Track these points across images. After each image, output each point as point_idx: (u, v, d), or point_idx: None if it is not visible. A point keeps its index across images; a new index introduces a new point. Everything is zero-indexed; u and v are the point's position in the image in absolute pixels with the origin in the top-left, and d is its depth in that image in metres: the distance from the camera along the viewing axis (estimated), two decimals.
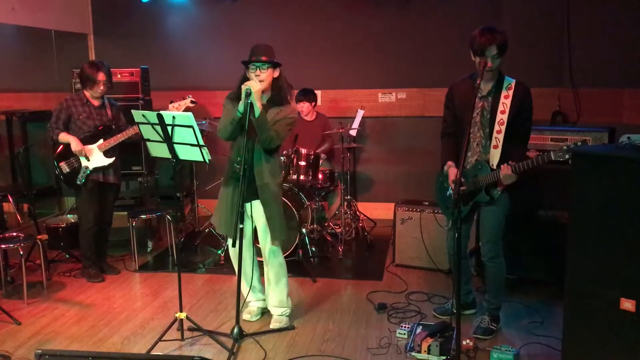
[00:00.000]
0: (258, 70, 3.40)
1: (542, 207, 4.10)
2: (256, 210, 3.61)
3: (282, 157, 4.81)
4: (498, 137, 3.35)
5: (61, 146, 4.44)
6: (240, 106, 3.37)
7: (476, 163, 3.43)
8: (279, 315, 3.75)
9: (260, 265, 3.86)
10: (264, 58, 3.40)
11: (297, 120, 3.71)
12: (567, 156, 2.97)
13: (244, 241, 3.60)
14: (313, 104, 5.59)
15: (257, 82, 3.35)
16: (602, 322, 2.73)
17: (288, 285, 3.79)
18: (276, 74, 3.48)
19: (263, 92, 3.44)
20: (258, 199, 3.57)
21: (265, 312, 3.91)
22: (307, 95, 5.51)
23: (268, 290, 3.77)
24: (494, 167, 3.35)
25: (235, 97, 3.46)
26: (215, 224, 3.76)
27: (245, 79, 3.46)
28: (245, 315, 3.86)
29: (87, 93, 4.47)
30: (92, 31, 6.63)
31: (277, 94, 3.51)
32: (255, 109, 3.33)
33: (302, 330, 3.70)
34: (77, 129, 4.42)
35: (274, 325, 3.71)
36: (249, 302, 3.89)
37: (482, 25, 3.32)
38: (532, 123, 3.43)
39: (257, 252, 3.86)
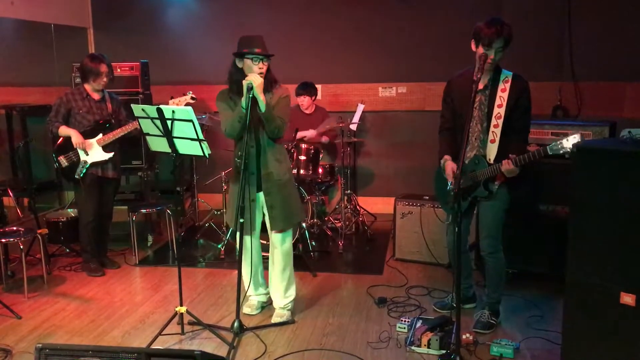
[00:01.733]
0: (261, 63, 3.40)
1: (542, 201, 4.09)
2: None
3: None
4: (495, 131, 3.33)
5: (60, 140, 4.44)
6: (243, 102, 3.35)
7: (474, 158, 3.42)
8: (281, 309, 3.75)
9: (264, 260, 3.86)
10: (258, 51, 3.38)
11: (290, 96, 3.69)
12: (562, 150, 2.96)
13: (253, 234, 3.61)
14: (313, 97, 5.57)
15: (258, 75, 3.34)
16: (602, 316, 2.73)
17: (293, 277, 3.79)
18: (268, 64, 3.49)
19: None
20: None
21: (265, 306, 3.91)
22: (307, 89, 5.50)
23: (272, 282, 3.77)
24: (491, 161, 3.34)
25: (229, 96, 3.45)
26: (227, 220, 3.78)
27: (238, 72, 3.44)
28: (245, 309, 3.87)
29: (88, 87, 4.46)
30: (92, 25, 6.61)
31: (267, 82, 3.48)
32: (260, 103, 3.33)
33: (303, 324, 3.71)
34: (77, 124, 4.42)
35: (275, 319, 3.72)
36: (250, 296, 3.90)
37: (482, 19, 3.29)
38: (531, 117, 3.41)
39: (263, 247, 3.86)
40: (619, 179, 2.64)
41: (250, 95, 3.28)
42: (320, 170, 5.14)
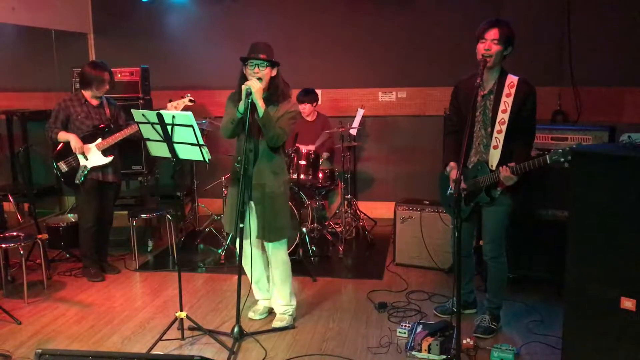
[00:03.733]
0: (257, 68, 3.40)
1: (542, 206, 4.09)
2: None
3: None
4: (498, 137, 3.32)
5: (59, 145, 4.44)
6: (241, 106, 3.37)
7: (476, 164, 3.41)
8: (281, 314, 3.75)
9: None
10: (262, 56, 3.39)
11: (299, 113, 3.71)
12: (562, 159, 2.95)
13: (251, 240, 3.61)
14: (314, 104, 5.58)
15: (257, 81, 3.35)
16: (602, 321, 2.73)
17: (292, 284, 3.79)
18: (274, 73, 3.47)
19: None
20: None
21: (272, 311, 3.88)
22: (308, 95, 5.51)
23: (272, 289, 3.77)
24: (493, 167, 3.33)
25: (237, 98, 3.46)
26: (224, 223, 3.79)
27: (244, 77, 3.45)
28: (250, 314, 3.87)
29: (87, 93, 4.47)
30: (92, 30, 6.62)
31: (273, 93, 3.50)
32: (258, 109, 3.34)
33: (303, 330, 3.70)
34: (76, 129, 4.42)
35: (275, 324, 3.71)
36: (258, 300, 3.90)
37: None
38: (535, 122, 3.38)
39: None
40: (619, 183, 2.64)
41: (249, 100, 3.30)
42: (320, 175, 5.14)
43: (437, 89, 5.89)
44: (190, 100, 4.24)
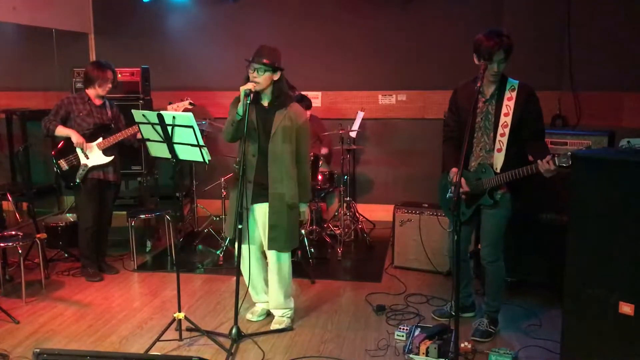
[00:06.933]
0: (255, 73, 3.40)
1: (542, 209, 4.09)
2: (263, 213, 3.60)
3: None
4: (502, 140, 3.33)
5: (60, 144, 4.44)
6: (240, 108, 3.37)
7: (480, 166, 3.41)
8: (280, 317, 3.75)
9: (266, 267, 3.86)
10: (265, 61, 3.37)
11: (307, 118, 3.74)
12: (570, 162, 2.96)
13: (251, 243, 3.61)
14: (308, 111, 5.59)
15: (252, 84, 3.37)
16: (600, 325, 2.74)
17: (291, 287, 3.79)
18: (276, 77, 3.46)
19: (263, 92, 3.46)
20: (267, 202, 3.56)
21: (270, 314, 3.88)
22: (302, 102, 5.49)
23: (271, 292, 3.77)
24: (498, 170, 3.34)
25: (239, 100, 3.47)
26: (225, 228, 3.78)
27: (248, 79, 3.46)
28: (248, 315, 3.87)
29: (91, 92, 4.48)
30: (93, 30, 6.63)
31: (277, 97, 3.50)
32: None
33: (301, 331, 3.70)
34: (77, 126, 4.42)
35: (274, 326, 3.71)
36: (255, 302, 3.90)
37: (483, 28, 3.30)
38: (544, 125, 3.38)
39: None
40: (618, 188, 2.65)
41: (247, 102, 3.30)
42: (319, 177, 5.15)
43: (438, 92, 5.90)
44: (190, 104, 4.25)
